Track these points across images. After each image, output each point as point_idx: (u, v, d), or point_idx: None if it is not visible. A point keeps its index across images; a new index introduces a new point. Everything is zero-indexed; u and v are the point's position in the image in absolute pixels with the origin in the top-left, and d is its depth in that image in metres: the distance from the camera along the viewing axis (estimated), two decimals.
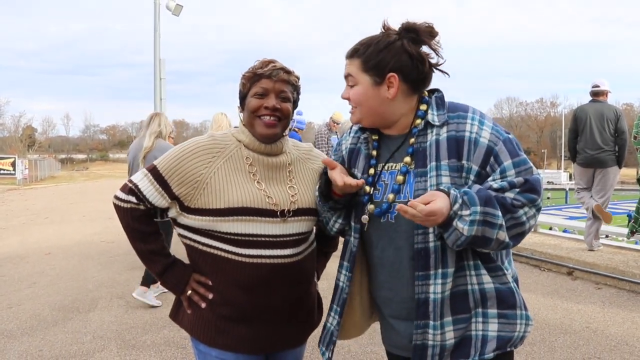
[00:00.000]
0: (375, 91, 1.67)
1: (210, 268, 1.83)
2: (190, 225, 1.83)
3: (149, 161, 4.92)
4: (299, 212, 1.86)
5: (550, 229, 9.35)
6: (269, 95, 1.81)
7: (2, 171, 34.94)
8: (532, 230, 1.69)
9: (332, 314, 1.88)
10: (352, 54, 1.71)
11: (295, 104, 1.92)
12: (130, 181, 1.86)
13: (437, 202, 1.51)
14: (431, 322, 1.64)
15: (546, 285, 5.91)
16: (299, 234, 1.87)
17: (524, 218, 1.56)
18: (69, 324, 4.79)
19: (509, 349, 1.68)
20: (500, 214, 1.52)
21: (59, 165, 53.40)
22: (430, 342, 1.65)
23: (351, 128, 1.92)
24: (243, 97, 1.89)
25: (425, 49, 1.69)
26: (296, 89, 1.91)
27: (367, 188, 1.74)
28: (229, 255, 1.79)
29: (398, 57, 1.65)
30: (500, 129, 1.65)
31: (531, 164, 1.62)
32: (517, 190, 1.57)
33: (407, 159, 1.69)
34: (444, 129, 1.65)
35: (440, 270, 1.62)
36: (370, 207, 1.73)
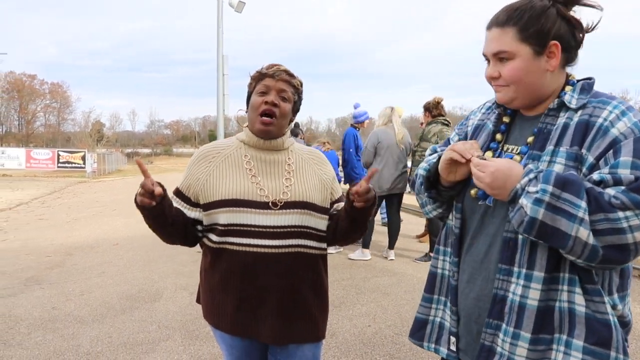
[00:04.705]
0: (536, 63, 1.47)
1: (212, 259, 2.01)
2: (202, 220, 2.02)
3: (405, 142, 6.86)
4: (290, 204, 1.96)
5: None
6: (270, 92, 1.97)
7: (73, 164, 36.51)
8: None
9: (435, 305, 1.75)
10: (505, 22, 1.49)
11: (295, 106, 2.07)
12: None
13: (498, 161, 1.42)
14: (504, 326, 1.47)
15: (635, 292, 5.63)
16: (290, 227, 1.95)
17: (624, 224, 1.27)
18: (135, 312, 4.96)
19: None
20: (583, 204, 1.28)
21: (125, 159, 55.25)
22: (499, 349, 1.48)
23: (483, 105, 1.78)
24: (249, 96, 2.05)
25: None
26: (297, 91, 2.05)
27: None
28: (225, 246, 1.96)
29: (558, 24, 1.46)
30: None
31: None
32: (622, 188, 1.29)
33: (531, 139, 1.52)
34: (579, 112, 1.46)
35: (524, 270, 1.43)
36: (473, 191, 1.59)
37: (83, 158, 36.24)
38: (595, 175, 1.35)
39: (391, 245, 7.08)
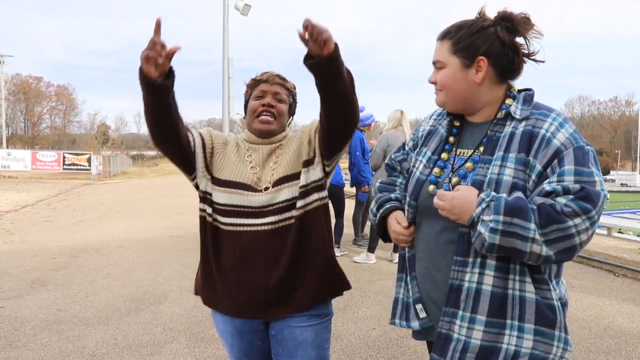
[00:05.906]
0: (463, 74, 1.66)
1: (209, 237, 2.05)
2: (203, 188, 2.07)
3: None
4: (278, 182, 2.03)
5: (620, 232, 8.84)
6: (266, 96, 2.09)
7: (79, 167, 36.63)
8: (607, 234, 1.56)
9: (403, 284, 1.90)
10: (444, 36, 1.70)
11: (291, 108, 2.18)
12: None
13: (460, 193, 1.57)
14: (460, 312, 1.61)
15: (622, 292, 5.64)
16: (281, 202, 2.01)
17: (573, 230, 1.45)
18: (141, 314, 4.98)
19: None
20: (532, 226, 1.45)
21: (130, 162, 55.48)
22: (455, 335, 1.62)
23: (434, 112, 1.94)
24: (246, 103, 2.17)
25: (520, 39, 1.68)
26: (292, 94, 2.18)
27: (437, 170, 1.76)
28: (219, 225, 2.03)
29: (490, 43, 1.63)
30: (580, 138, 1.56)
31: (598, 180, 1.50)
32: (571, 197, 1.46)
33: (482, 149, 1.68)
34: (523, 123, 1.62)
35: (479, 260, 1.59)
36: (431, 187, 1.74)
37: (88, 160, 36.39)
38: (547, 187, 1.50)
39: (396, 249, 7.06)
